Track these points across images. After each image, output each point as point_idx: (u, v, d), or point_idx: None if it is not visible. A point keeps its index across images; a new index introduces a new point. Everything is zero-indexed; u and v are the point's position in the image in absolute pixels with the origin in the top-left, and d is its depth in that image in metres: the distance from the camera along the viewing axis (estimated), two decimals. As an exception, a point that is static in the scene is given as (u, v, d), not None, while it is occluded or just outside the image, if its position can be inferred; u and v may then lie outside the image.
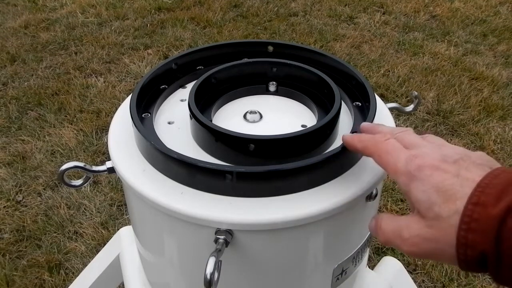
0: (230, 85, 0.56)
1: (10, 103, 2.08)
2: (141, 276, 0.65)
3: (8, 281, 1.37)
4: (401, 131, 0.39)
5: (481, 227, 0.30)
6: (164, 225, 0.47)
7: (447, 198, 0.32)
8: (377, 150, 0.38)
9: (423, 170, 0.34)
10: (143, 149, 0.47)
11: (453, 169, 0.33)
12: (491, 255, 0.30)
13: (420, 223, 0.34)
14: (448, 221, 0.32)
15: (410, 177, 0.34)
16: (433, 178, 0.33)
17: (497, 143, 1.87)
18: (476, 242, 0.30)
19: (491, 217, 0.29)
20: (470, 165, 0.33)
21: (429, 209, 0.33)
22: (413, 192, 0.34)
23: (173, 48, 2.46)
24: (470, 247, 0.30)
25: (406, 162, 0.35)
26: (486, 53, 2.46)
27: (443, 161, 0.34)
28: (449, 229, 0.31)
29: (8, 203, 1.60)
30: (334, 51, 2.44)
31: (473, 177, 0.32)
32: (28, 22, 2.72)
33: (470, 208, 0.30)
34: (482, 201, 0.30)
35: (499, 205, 0.29)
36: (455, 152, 0.35)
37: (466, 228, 0.30)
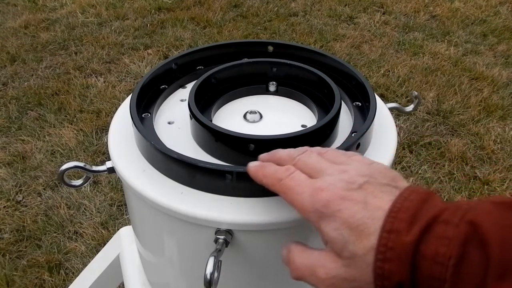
0: (230, 85, 0.55)
1: (10, 103, 2.08)
2: (141, 276, 0.65)
3: (8, 281, 1.37)
4: (300, 153, 0.37)
5: (396, 256, 0.28)
6: (164, 225, 0.47)
7: (360, 234, 0.30)
8: (281, 187, 0.35)
9: (330, 205, 0.32)
10: (143, 149, 0.47)
11: (359, 197, 0.31)
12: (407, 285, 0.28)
13: (337, 263, 0.32)
14: (364, 259, 0.30)
15: (319, 215, 0.32)
16: (342, 213, 0.31)
17: (497, 143, 1.87)
18: (392, 272, 0.29)
19: (405, 244, 0.28)
20: (376, 189, 0.32)
21: (344, 248, 0.31)
22: (325, 231, 0.32)
23: (173, 48, 2.46)
24: (387, 278, 0.29)
25: (312, 198, 0.33)
26: (486, 53, 2.46)
27: (348, 189, 0.32)
28: (366, 268, 0.30)
29: (8, 203, 1.60)
30: (334, 51, 2.44)
31: (381, 205, 0.31)
32: (28, 22, 2.72)
33: (384, 236, 0.29)
34: (395, 228, 0.29)
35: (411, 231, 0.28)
36: (359, 174, 0.33)
37: (382, 258, 0.29)
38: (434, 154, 1.81)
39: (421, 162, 1.77)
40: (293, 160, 0.37)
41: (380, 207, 0.31)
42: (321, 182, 0.33)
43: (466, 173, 1.73)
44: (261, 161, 0.39)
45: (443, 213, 0.29)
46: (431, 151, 1.82)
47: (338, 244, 0.31)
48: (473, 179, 1.71)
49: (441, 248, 0.27)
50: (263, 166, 0.38)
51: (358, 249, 0.30)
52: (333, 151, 0.37)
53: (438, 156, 1.80)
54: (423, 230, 0.28)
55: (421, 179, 1.70)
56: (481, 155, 1.81)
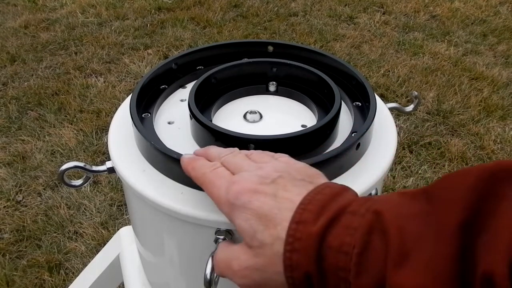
0: (230, 85, 0.56)
1: (10, 103, 2.08)
2: (141, 276, 0.65)
3: (8, 281, 1.37)
4: (227, 153, 0.38)
5: (304, 246, 0.28)
6: (164, 225, 0.47)
7: (268, 223, 0.31)
8: (204, 180, 0.36)
9: (241, 196, 0.32)
10: (143, 149, 0.47)
11: (270, 190, 0.32)
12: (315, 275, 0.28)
13: (248, 254, 0.32)
14: (271, 248, 0.30)
15: (231, 206, 0.33)
16: (252, 204, 0.32)
17: (497, 143, 1.87)
18: (300, 263, 0.29)
19: (311, 235, 0.28)
20: (288, 183, 0.32)
21: (253, 238, 0.31)
22: (236, 221, 0.33)
23: (173, 48, 2.46)
24: (296, 269, 0.29)
25: (226, 190, 0.34)
26: (486, 53, 2.46)
27: (260, 183, 0.33)
28: (274, 257, 0.30)
29: (8, 203, 1.60)
30: (334, 51, 2.44)
31: (290, 197, 0.31)
32: (28, 22, 2.72)
33: (293, 227, 0.29)
34: (303, 218, 0.29)
35: (318, 222, 0.28)
36: (274, 170, 0.34)
37: (291, 248, 0.29)
38: (434, 154, 1.81)
39: (421, 162, 1.77)
40: (220, 157, 0.38)
41: (289, 199, 0.31)
42: (238, 176, 0.35)
43: (466, 173, 1.73)
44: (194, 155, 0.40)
45: (351, 204, 0.29)
46: (431, 151, 1.82)
47: (248, 234, 0.32)
48: (473, 179, 1.71)
49: (346, 238, 0.28)
50: (193, 159, 0.39)
51: (266, 238, 0.31)
52: (260, 153, 0.38)
53: (438, 156, 1.80)
54: (330, 221, 0.28)
55: (421, 179, 1.70)
56: (481, 155, 1.81)
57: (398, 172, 1.72)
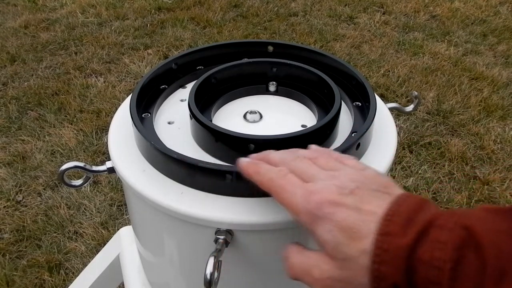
0: (230, 85, 0.56)
1: (10, 103, 2.08)
2: (141, 276, 0.65)
3: (8, 281, 1.37)
4: (292, 158, 0.38)
5: (392, 258, 0.29)
6: (164, 225, 0.47)
7: (353, 236, 0.31)
8: (272, 186, 0.36)
9: (323, 208, 0.32)
10: (143, 149, 0.47)
11: (351, 202, 0.32)
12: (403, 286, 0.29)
13: (330, 264, 0.33)
14: (357, 261, 0.31)
15: (312, 216, 0.33)
16: (335, 216, 0.32)
17: (497, 143, 1.87)
18: (388, 274, 0.29)
19: (400, 247, 0.29)
20: (366, 194, 0.33)
21: (336, 250, 0.32)
22: (318, 232, 0.33)
23: (173, 48, 2.46)
24: (383, 280, 0.30)
25: (304, 199, 0.34)
26: (486, 53, 2.46)
27: (339, 193, 0.33)
28: (360, 270, 0.31)
29: (8, 203, 1.60)
30: (334, 51, 2.44)
31: (373, 209, 0.31)
32: (28, 22, 2.72)
33: (379, 239, 0.30)
34: (390, 231, 0.30)
35: (407, 235, 0.29)
36: (350, 180, 0.34)
37: (379, 260, 0.30)
38: (434, 154, 1.81)
39: (421, 162, 1.77)
40: (286, 163, 0.37)
41: (371, 212, 0.31)
42: (313, 185, 0.34)
43: (466, 173, 1.73)
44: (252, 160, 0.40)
45: (438, 219, 0.29)
46: (431, 151, 1.82)
47: (331, 246, 0.32)
48: (473, 179, 1.71)
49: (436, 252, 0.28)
50: (255, 164, 0.38)
51: (351, 251, 0.31)
52: (325, 158, 0.38)
53: (438, 156, 1.80)
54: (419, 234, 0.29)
55: (421, 179, 1.70)
56: (481, 155, 1.81)
57: (398, 172, 1.72)
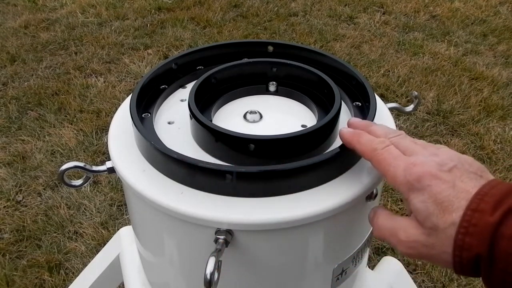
0: (230, 85, 0.55)
1: (10, 103, 2.08)
2: (141, 276, 0.65)
3: (8, 281, 1.37)
4: (396, 135, 0.40)
5: (478, 231, 0.32)
6: (164, 225, 0.47)
7: (444, 209, 0.34)
8: (375, 156, 0.39)
9: (421, 180, 0.35)
10: (143, 149, 0.47)
11: (449, 178, 0.35)
12: (485, 258, 0.32)
13: (418, 230, 0.36)
14: (444, 231, 0.34)
15: (410, 187, 0.36)
16: (431, 188, 0.35)
17: (497, 143, 1.87)
18: (472, 245, 0.32)
19: (488, 223, 0.32)
20: (463, 174, 0.35)
21: (427, 219, 0.35)
22: (413, 201, 0.36)
23: (173, 48, 2.46)
24: (466, 250, 0.33)
25: (405, 171, 0.36)
26: (486, 53, 2.46)
27: (439, 169, 0.35)
28: (446, 239, 0.34)
29: (8, 203, 1.60)
30: (334, 51, 2.44)
31: (467, 188, 0.34)
32: (28, 22, 2.72)
33: (469, 214, 0.33)
34: (480, 208, 0.32)
35: (495, 213, 0.32)
36: (449, 159, 0.36)
37: (464, 232, 0.33)
38: (434, 154, 1.81)
39: (421, 162, 1.77)
40: (388, 137, 0.40)
41: (465, 190, 0.34)
42: (415, 158, 0.37)
43: (466, 173, 1.73)
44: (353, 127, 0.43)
45: None
46: (431, 151, 1.82)
47: (422, 215, 0.35)
48: (473, 179, 1.71)
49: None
50: (358, 134, 0.41)
51: (441, 222, 0.34)
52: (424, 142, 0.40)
53: (438, 156, 1.80)
54: (505, 214, 0.32)
55: (421, 179, 1.69)
56: (481, 155, 1.81)
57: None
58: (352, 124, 0.44)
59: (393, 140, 0.40)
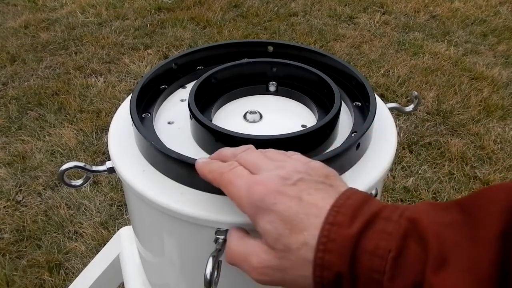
0: (230, 85, 0.55)
1: (10, 103, 2.08)
2: (141, 276, 0.65)
3: (8, 281, 1.37)
4: (242, 151, 0.38)
5: (337, 247, 0.30)
6: (164, 225, 0.47)
7: (293, 228, 0.31)
8: (222, 180, 0.36)
9: (265, 198, 0.33)
10: (143, 149, 0.47)
11: (294, 193, 0.33)
12: (346, 276, 0.29)
13: (270, 254, 0.33)
14: (297, 253, 0.31)
15: (254, 207, 0.33)
16: (277, 207, 0.32)
17: (497, 143, 1.87)
18: (332, 263, 0.30)
19: (346, 237, 0.29)
20: (310, 186, 0.33)
21: (277, 241, 0.32)
22: (260, 223, 0.33)
23: (173, 48, 2.46)
24: (327, 269, 0.30)
25: (248, 191, 0.34)
26: (486, 53, 2.46)
27: (283, 184, 0.33)
28: (299, 261, 0.31)
29: (8, 203, 1.60)
30: (334, 51, 2.44)
31: (315, 202, 0.32)
32: (28, 22, 2.72)
33: (327, 228, 0.30)
34: (337, 221, 0.30)
35: (353, 225, 0.30)
36: (294, 170, 0.34)
37: (323, 248, 0.30)
38: (434, 154, 1.81)
39: (421, 162, 1.77)
40: (236, 157, 0.38)
41: (314, 204, 0.32)
42: (259, 176, 0.35)
43: (466, 173, 1.73)
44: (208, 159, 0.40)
45: (382, 211, 0.31)
46: (431, 151, 1.82)
47: (272, 237, 0.32)
48: (473, 179, 1.71)
49: (381, 242, 0.29)
50: (209, 163, 0.39)
51: (292, 243, 0.31)
52: (274, 150, 0.39)
53: (438, 156, 1.80)
54: (365, 225, 0.30)
55: (421, 179, 1.70)
56: (481, 155, 1.81)
57: (398, 172, 1.72)
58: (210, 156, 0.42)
59: (241, 158, 0.37)
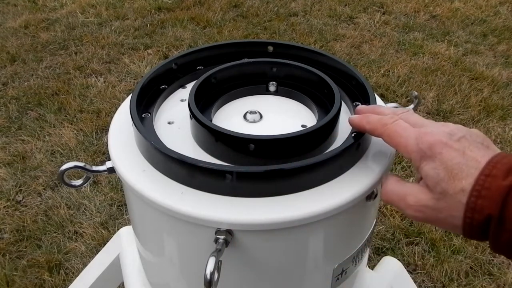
0: (230, 85, 0.56)
1: (10, 103, 2.08)
2: (141, 276, 0.65)
3: (8, 281, 1.37)
4: (404, 111, 0.42)
5: (491, 194, 0.34)
6: (164, 225, 0.47)
7: (454, 176, 0.36)
8: (386, 130, 0.41)
9: (433, 147, 0.37)
10: (143, 149, 0.47)
11: (459, 147, 0.37)
12: (495, 218, 0.34)
13: (427, 195, 0.37)
14: (454, 197, 0.36)
15: (422, 154, 0.38)
16: (442, 156, 0.36)
17: (497, 143, 1.87)
18: (484, 207, 0.34)
19: (501, 186, 0.34)
20: (472, 144, 0.37)
21: (437, 185, 0.36)
22: (424, 168, 0.37)
23: (173, 48, 2.46)
24: (478, 212, 0.34)
25: (417, 139, 0.38)
26: (486, 53, 2.46)
27: (449, 138, 0.37)
28: (454, 204, 0.36)
29: (8, 203, 1.60)
30: (334, 51, 2.44)
31: (476, 157, 0.36)
32: (28, 22, 2.72)
33: (482, 178, 0.34)
34: (493, 173, 0.34)
35: (508, 179, 0.34)
36: (458, 129, 0.38)
37: (477, 195, 0.34)
38: (434, 154, 1.81)
39: (421, 162, 1.77)
40: (395, 113, 0.42)
41: (474, 159, 0.36)
42: (425, 128, 0.39)
43: (466, 173, 1.73)
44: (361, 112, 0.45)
45: None
46: (431, 151, 1.82)
47: (433, 181, 0.37)
48: (473, 179, 1.71)
49: None
50: (366, 116, 0.43)
51: (450, 188, 0.36)
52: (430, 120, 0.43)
53: (438, 156, 1.80)
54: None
55: (421, 179, 1.69)
56: (481, 155, 1.81)
57: (398, 172, 1.72)
58: (359, 110, 0.46)
59: (401, 115, 0.41)
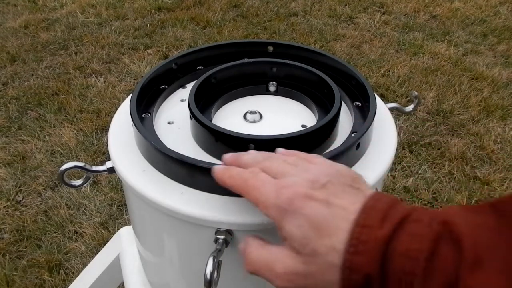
0: (230, 85, 0.56)
1: (10, 103, 2.08)
2: (141, 276, 0.65)
3: (8, 281, 1.37)
4: (264, 158, 0.38)
5: (368, 249, 0.29)
6: (164, 225, 0.47)
7: (322, 232, 0.31)
8: (245, 187, 0.36)
9: (293, 202, 0.32)
10: (143, 149, 0.47)
11: (322, 196, 0.32)
12: (376, 278, 0.29)
13: (295, 259, 0.32)
14: (325, 257, 0.31)
15: (282, 211, 0.33)
16: (305, 210, 0.32)
17: (497, 143, 1.87)
18: (362, 265, 0.29)
19: (378, 238, 0.29)
20: (338, 189, 0.33)
21: (305, 246, 0.32)
22: (287, 227, 0.33)
23: (173, 48, 2.46)
24: (355, 271, 0.30)
25: (276, 195, 0.33)
26: (486, 53, 2.46)
27: (311, 187, 0.33)
28: (326, 266, 0.31)
29: (8, 203, 1.60)
30: (334, 51, 2.44)
31: (343, 205, 0.32)
32: (28, 22, 2.72)
33: (357, 230, 0.30)
34: (368, 223, 0.30)
35: (384, 227, 0.29)
36: (322, 174, 0.34)
37: (354, 251, 0.30)
38: (434, 154, 1.81)
39: (421, 162, 1.77)
40: (258, 164, 0.37)
41: (342, 207, 0.32)
42: (285, 180, 0.34)
43: (466, 173, 1.73)
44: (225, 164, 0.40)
45: (412, 213, 0.30)
46: (431, 151, 1.82)
47: (299, 241, 0.32)
48: (473, 179, 1.71)
49: (413, 244, 0.29)
50: (228, 169, 0.38)
51: (319, 247, 0.31)
52: (295, 156, 0.38)
53: (438, 156, 1.80)
54: (395, 227, 0.29)
55: (421, 179, 1.70)
56: (481, 155, 1.81)
57: (398, 172, 1.72)
58: (224, 160, 0.40)
59: (263, 165, 0.37)
